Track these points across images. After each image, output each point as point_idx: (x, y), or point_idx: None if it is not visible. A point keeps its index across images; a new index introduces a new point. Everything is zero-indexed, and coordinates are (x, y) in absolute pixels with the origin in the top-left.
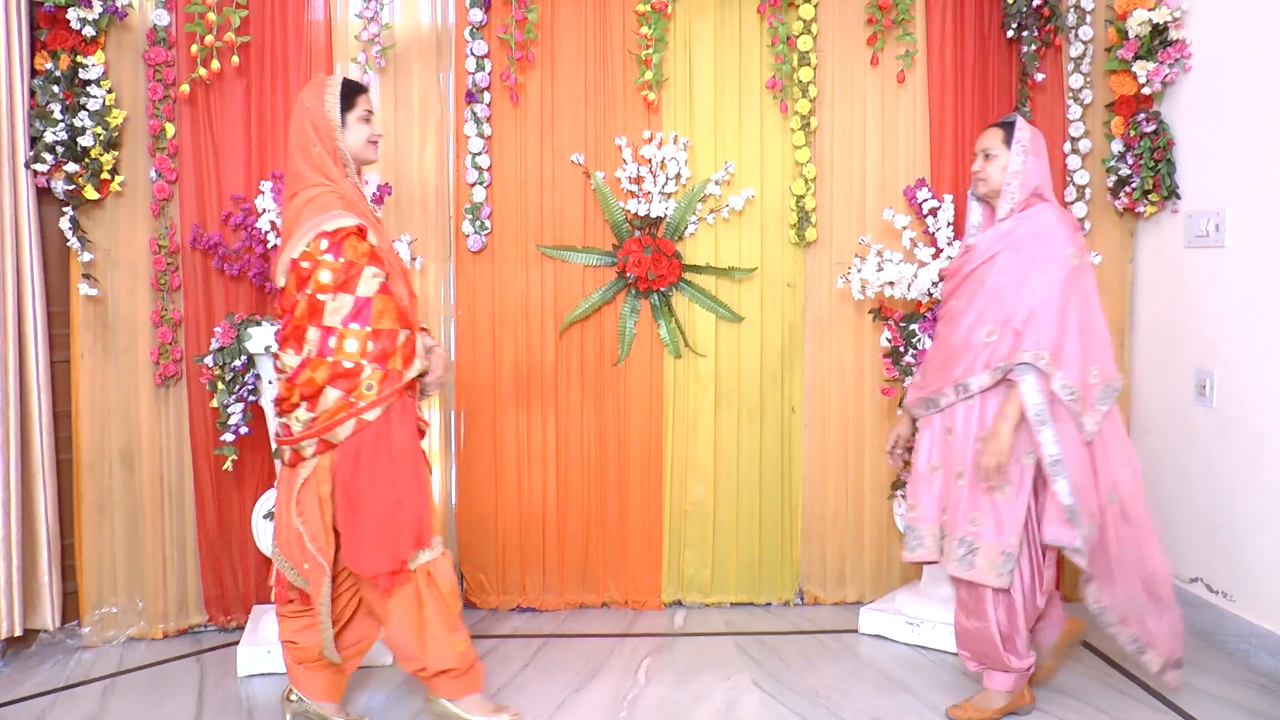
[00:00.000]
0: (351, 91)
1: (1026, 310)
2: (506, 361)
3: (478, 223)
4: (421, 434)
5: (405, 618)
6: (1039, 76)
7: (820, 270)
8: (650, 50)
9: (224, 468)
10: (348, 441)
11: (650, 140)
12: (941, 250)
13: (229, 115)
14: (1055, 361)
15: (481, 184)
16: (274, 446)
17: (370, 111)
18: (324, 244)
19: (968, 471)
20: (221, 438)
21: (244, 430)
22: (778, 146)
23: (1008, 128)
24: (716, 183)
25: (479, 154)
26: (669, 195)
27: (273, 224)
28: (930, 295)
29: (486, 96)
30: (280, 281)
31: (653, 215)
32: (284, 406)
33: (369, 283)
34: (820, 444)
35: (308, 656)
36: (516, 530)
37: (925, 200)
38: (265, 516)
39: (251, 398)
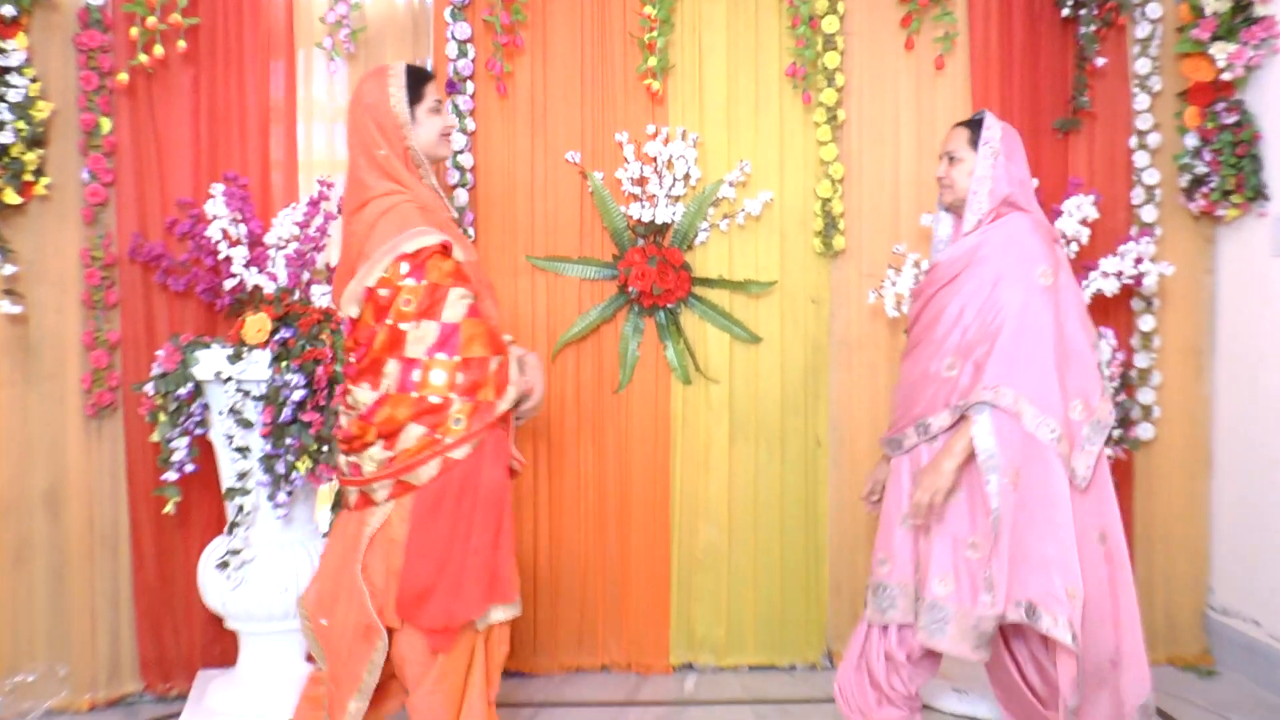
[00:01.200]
0: (418, 80)
1: (989, 340)
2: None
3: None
4: (514, 474)
5: (447, 684)
6: (1099, 61)
7: (849, 283)
8: (654, 33)
9: (166, 511)
10: (431, 484)
11: (655, 136)
12: None
13: (175, 108)
14: (1026, 398)
15: (464, 186)
16: (319, 481)
17: (440, 101)
18: (404, 267)
19: (933, 524)
20: (163, 477)
21: (189, 468)
22: (800, 143)
23: (974, 126)
24: (730, 184)
25: (461, 152)
26: (676, 198)
27: (224, 233)
28: None
29: (470, 87)
30: (352, 311)
31: (658, 221)
32: (354, 445)
33: (456, 306)
34: (849, 481)
35: None
36: None
37: None
38: (218, 567)
39: (199, 431)
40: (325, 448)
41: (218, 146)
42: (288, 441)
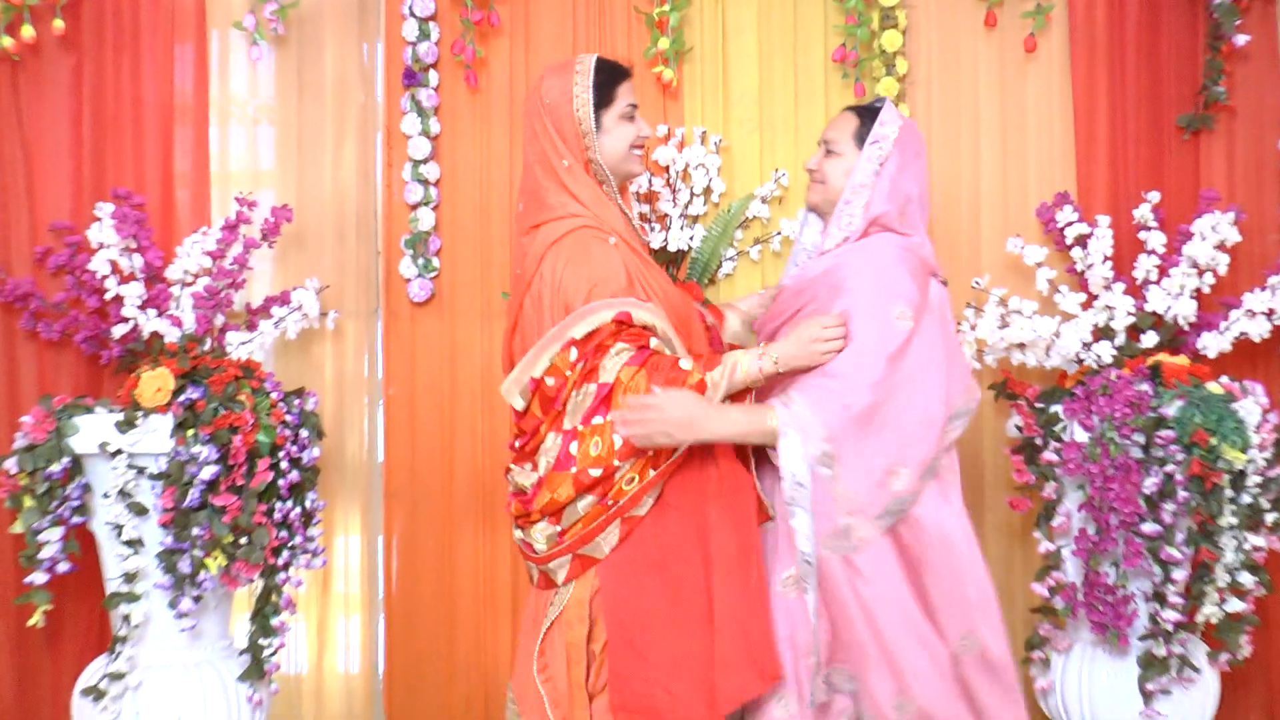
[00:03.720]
0: (611, 78)
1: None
2: (462, 461)
3: (421, 261)
4: (764, 514)
5: None
6: (1240, 40)
7: None
8: (666, 8)
9: (31, 623)
10: (615, 555)
11: (667, 140)
12: (1096, 296)
13: (48, 106)
14: (836, 455)
15: (427, 204)
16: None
17: (634, 106)
18: (574, 354)
19: None
20: (28, 579)
21: (63, 567)
22: None
23: (868, 113)
24: (763, 200)
25: (423, 161)
26: (695, 219)
27: (114, 265)
28: (1080, 362)
29: (433, 77)
30: (517, 404)
31: (671, 248)
32: (521, 522)
33: (613, 360)
34: None
35: None
36: (480, 710)
37: (1069, 224)
38: (86, 694)
39: (76, 519)
40: (245, 540)
41: (105, 155)
42: (194, 532)
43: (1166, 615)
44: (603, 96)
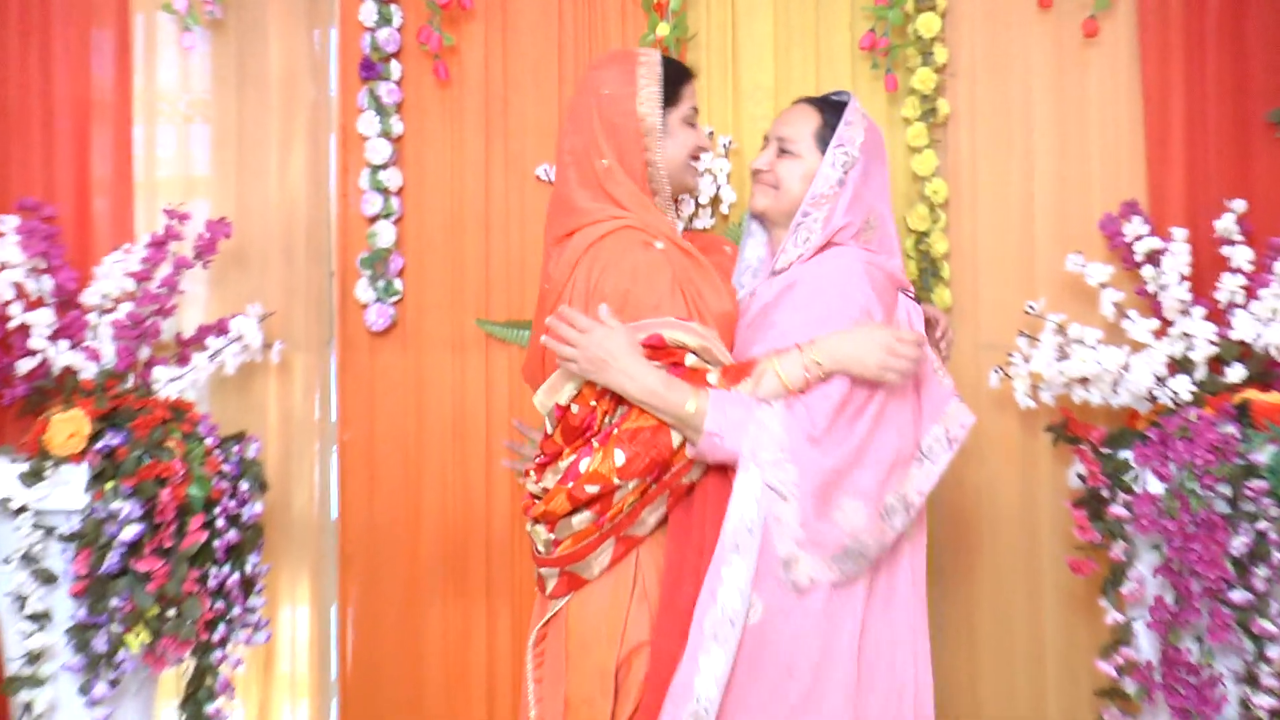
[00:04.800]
0: (676, 77)
1: None
2: (430, 518)
3: (381, 283)
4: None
5: None
6: None
7: (960, 357)
8: None
9: None
10: (606, 577)
11: None
12: (1171, 322)
13: None
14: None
15: (387, 217)
16: None
17: (697, 111)
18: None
19: None
20: None
21: None
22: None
23: (830, 109)
24: None
25: (383, 167)
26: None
27: (18, 288)
28: (1153, 400)
29: (395, 69)
30: (548, 425)
31: None
32: (531, 517)
33: None
34: (966, 644)
35: None
36: None
37: (1139, 238)
38: None
39: None
40: (173, 612)
41: (9, 159)
42: (113, 604)
43: (1261, 701)
44: (668, 95)
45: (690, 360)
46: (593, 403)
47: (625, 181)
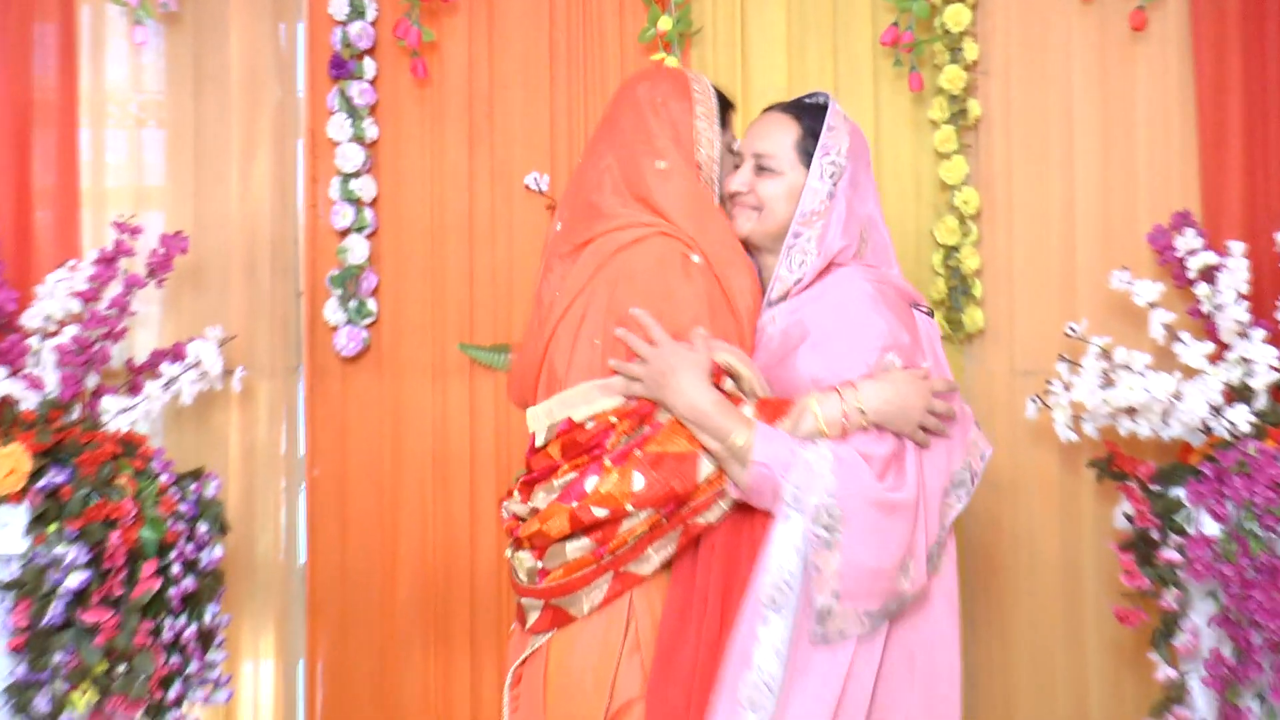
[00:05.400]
0: (723, 105)
1: None
2: (407, 564)
3: (353, 304)
4: None
5: None
6: None
7: (992, 385)
8: None
9: None
10: (595, 618)
11: None
12: (1228, 346)
13: None
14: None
15: (360, 231)
16: None
17: (738, 149)
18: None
19: None
20: None
21: None
22: (906, 156)
23: (808, 114)
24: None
25: (355, 175)
26: None
27: None
28: (1208, 431)
29: (369, 67)
30: (539, 437)
31: None
32: (513, 542)
33: (665, 415)
34: (1001, 702)
35: None
36: None
37: (1192, 252)
38: None
39: None
40: (123, 668)
41: None
42: (56, 659)
43: None
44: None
45: (728, 385)
46: (613, 419)
47: (683, 183)
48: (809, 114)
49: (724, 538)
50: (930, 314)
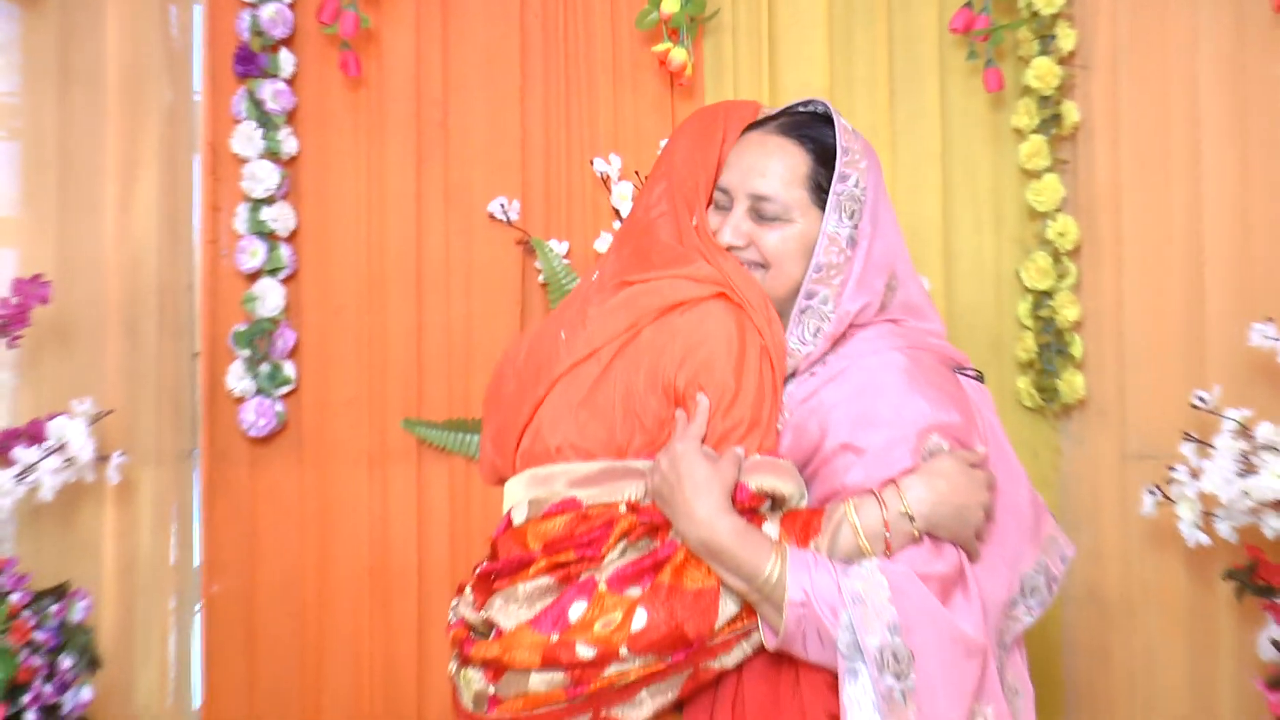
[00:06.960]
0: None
1: None
2: (336, 705)
3: (264, 369)
4: None
5: None
6: None
7: (1097, 472)
8: None
9: None
10: None
11: None
12: None
13: None
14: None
15: (274, 274)
16: None
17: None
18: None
19: None
20: None
21: None
22: (983, 174)
23: (812, 132)
24: None
25: (268, 202)
26: None
27: None
28: None
29: (286, 62)
30: (516, 514)
31: None
32: (458, 654)
33: None
34: None
35: None
36: None
37: None
38: None
39: None
40: None
41: None
42: None
43: None
44: None
45: (765, 509)
46: (622, 508)
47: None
48: (813, 132)
49: (751, 688)
50: (980, 378)
